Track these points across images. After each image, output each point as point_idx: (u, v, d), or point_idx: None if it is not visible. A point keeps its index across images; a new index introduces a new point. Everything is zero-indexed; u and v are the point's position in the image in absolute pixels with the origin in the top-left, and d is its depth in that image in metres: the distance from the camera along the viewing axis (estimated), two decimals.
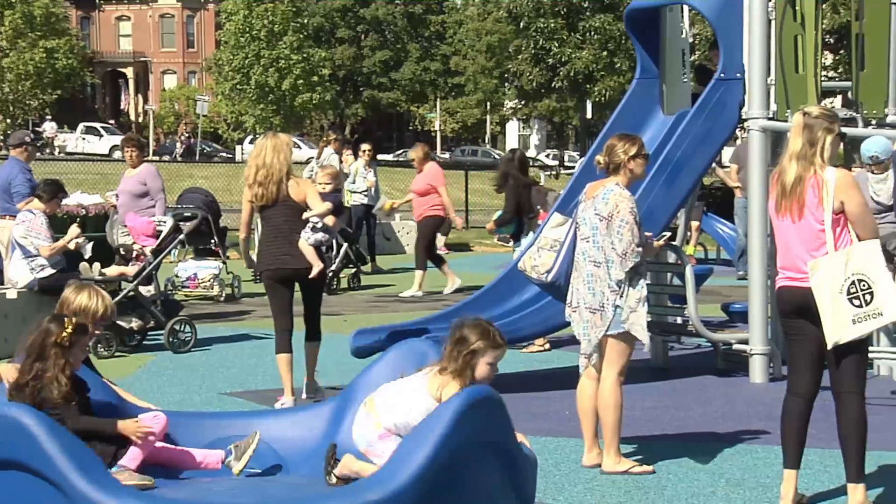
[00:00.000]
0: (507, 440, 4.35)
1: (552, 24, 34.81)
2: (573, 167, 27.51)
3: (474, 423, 4.07)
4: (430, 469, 3.87)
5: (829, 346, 5.26)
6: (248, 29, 39.82)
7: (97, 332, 5.17)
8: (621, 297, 6.08)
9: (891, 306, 5.24)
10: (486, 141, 67.97)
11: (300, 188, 7.72)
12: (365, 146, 16.52)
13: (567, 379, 7.00)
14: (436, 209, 14.19)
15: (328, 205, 7.84)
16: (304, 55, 39.77)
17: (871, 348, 8.17)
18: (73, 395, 4.55)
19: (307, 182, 8.29)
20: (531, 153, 61.77)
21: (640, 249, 6.10)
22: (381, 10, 63.91)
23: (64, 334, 4.56)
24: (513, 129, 68.89)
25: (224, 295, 13.51)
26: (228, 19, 43.19)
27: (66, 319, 4.64)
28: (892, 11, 8.72)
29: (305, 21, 41.29)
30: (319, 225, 7.78)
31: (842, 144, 9.29)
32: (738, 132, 9.91)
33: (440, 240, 21.90)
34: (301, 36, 39.88)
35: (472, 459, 4.11)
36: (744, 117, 8.88)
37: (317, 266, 7.70)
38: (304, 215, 7.70)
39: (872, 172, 8.08)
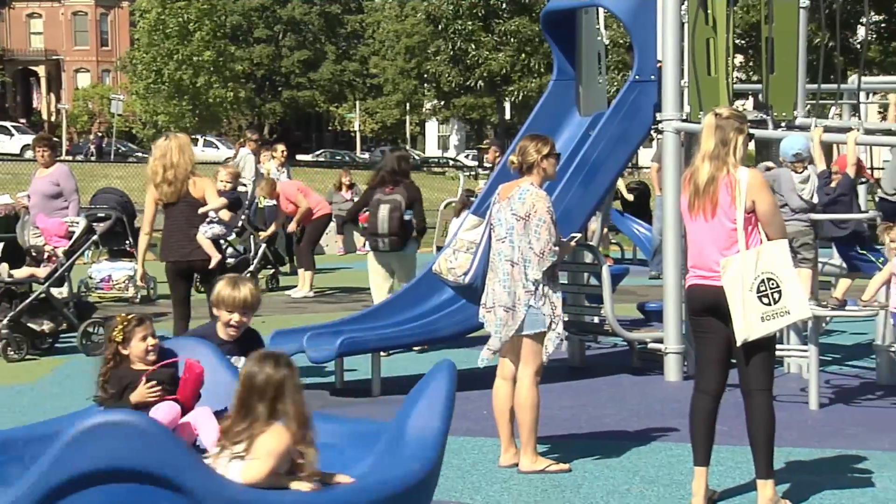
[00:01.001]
0: (169, 475, 3.62)
1: (469, 26, 34.90)
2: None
3: (95, 452, 3.58)
4: (32, 497, 3.57)
5: (739, 344, 5.34)
6: (160, 27, 39.32)
7: (235, 320, 5.27)
8: (536, 297, 6.11)
9: (798, 305, 5.35)
10: (406, 141, 67.94)
11: (198, 186, 8.27)
12: (279, 147, 16.45)
13: (484, 379, 7.02)
14: (320, 211, 14.69)
15: (223, 200, 8.46)
16: (217, 49, 39.37)
17: (780, 346, 8.36)
18: (108, 392, 4.72)
19: (205, 179, 8.58)
20: (451, 153, 61.95)
21: (556, 248, 6.15)
22: (298, 9, 63.51)
23: (114, 331, 4.77)
24: (432, 129, 68.98)
25: (139, 297, 13.31)
26: (142, 17, 42.65)
27: (119, 316, 4.82)
28: (799, 16, 8.90)
29: (221, 18, 40.81)
30: (216, 219, 8.37)
31: (753, 146, 9.48)
32: (652, 133, 10.02)
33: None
34: (214, 33, 39.44)
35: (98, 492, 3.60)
36: (658, 118, 8.99)
37: (215, 258, 8.26)
38: (201, 210, 8.25)
39: (796, 171, 8.14)
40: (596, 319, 9.45)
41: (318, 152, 60.76)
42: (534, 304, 6.11)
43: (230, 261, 14.47)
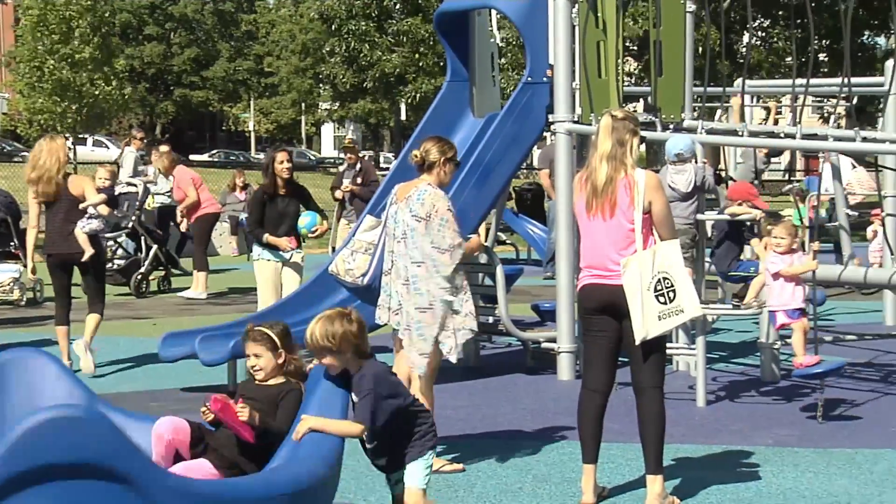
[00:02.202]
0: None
1: (363, 26, 34.79)
2: (388, 168, 27.57)
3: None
4: None
5: (638, 342, 5.41)
6: (43, 23, 38.41)
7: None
8: (450, 292, 6.10)
9: (691, 303, 5.46)
10: (302, 142, 67.46)
11: (76, 184, 8.97)
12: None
13: None
14: (206, 208, 14.48)
15: (102, 196, 9.22)
16: (95, 45, 38.56)
17: (669, 345, 8.52)
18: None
19: (83, 178, 9.34)
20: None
21: (462, 241, 6.17)
22: (190, 7, 62.56)
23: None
24: (328, 130, 68.62)
25: (25, 299, 12.99)
26: (24, 14, 41.58)
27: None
28: (686, 20, 9.07)
29: (104, 14, 39.93)
30: (95, 215, 9.00)
31: (644, 147, 9.65)
32: (546, 134, 10.12)
33: None
34: (95, 30, 38.60)
35: None
36: (550, 120, 9.09)
37: (88, 251, 8.84)
38: (81, 206, 8.89)
39: (673, 166, 8.48)
40: (490, 319, 9.51)
41: (212, 152, 59.95)
42: (449, 298, 6.10)
43: (120, 262, 14.26)
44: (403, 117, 46.01)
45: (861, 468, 6.26)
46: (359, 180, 14.65)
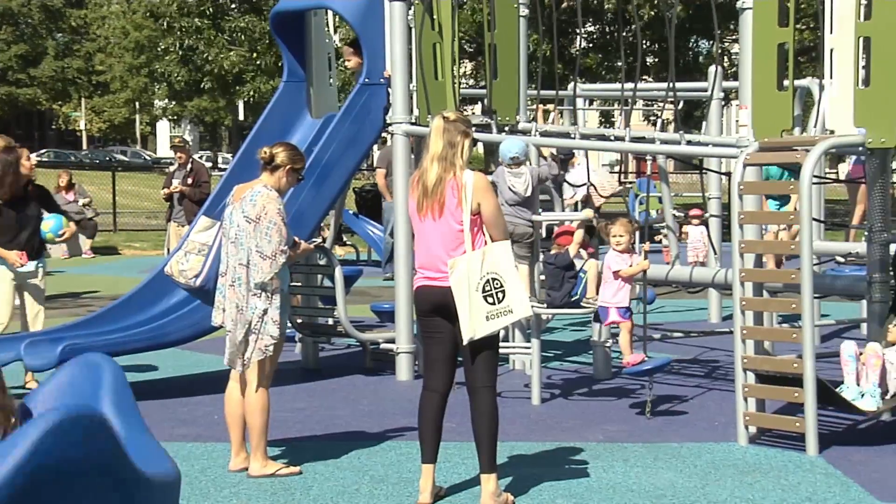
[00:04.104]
0: None
1: (198, 24, 34.15)
2: (226, 168, 27.10)
3: None
4: None
5: (465, 342, 5.48)
6: None
7: None
8: (262, 300, 6.05)
9: (519, 304, 5.54)
10: (137, 141, 65.81)
11: None
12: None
13: (216, 383, 6.91)
14: None
15: None
16: None
17: (505, 344, 8.66)
18: None
19: None
20: None
21: (286, 249, 6.12)
22: (15, 1, 60.26)
23: None
24: (164, 129, 67.20)
25: None
26: None
27: None
28: (520, 24, 9.24)
29: None
30: None
31: (482, 148, 9.77)
32: (385, 135, 10.14)
33: (86, 243, 21.04)
34: None
35: None
36: (388, 121, 9.12)
37: None
38: None
39: (510, 169, 8.61)
40: (329, 321, 9.48)
41: (41, 152, 57.95)
42: (260, 306, 6.05)
43: None
44: (241, 117, 45.40)
45: (686, 461, 6.48)
46: (189, 181, 14.36)
